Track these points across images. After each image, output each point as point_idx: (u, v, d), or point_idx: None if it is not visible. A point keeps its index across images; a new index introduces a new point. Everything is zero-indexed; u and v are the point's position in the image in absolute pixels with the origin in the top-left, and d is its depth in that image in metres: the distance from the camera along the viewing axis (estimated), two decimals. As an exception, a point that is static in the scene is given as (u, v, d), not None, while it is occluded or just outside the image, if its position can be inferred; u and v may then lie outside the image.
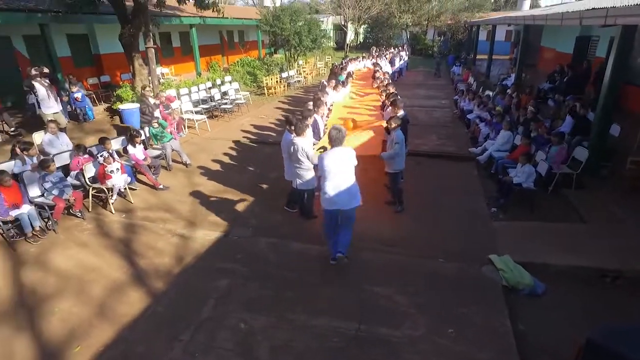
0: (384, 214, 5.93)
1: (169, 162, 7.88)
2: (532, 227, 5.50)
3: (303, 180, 5.42)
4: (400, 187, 6.05)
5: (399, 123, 5.72)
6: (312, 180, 5.48)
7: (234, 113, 12.54)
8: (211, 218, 5.90)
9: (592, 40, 14.04)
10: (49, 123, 6.98)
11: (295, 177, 5.45)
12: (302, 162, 5.25)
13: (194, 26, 16.08)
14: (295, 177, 5.45)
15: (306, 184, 5.49)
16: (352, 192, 4.36)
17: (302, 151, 5.16)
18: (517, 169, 6.21)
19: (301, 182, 5.46)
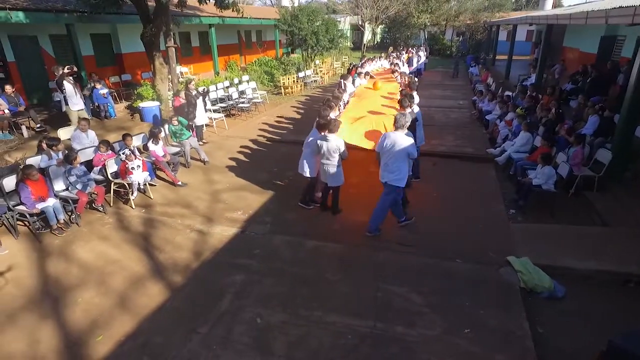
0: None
1: (187, 160, 8.02)
2: (552, 230, 5.39)
3: (333, 176, 5.55)
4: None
5: None
6: (341, 175, 5.62)
7: (251, 112, 12.66)
8: (228, 214, 5.99)
9: (617, 40, 13.66)
10: (81, 121, 7.26)
11: (325, 174, 5.63)
12: (334, 158, 5.44)
13: (213, 26, 16.30)
14: (325, 173, 5.63)
15: (336, 180, 5.62)
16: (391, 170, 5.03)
17: (336, 148, 5.35)
18: (537, 170, 6.10)
19: (331, 178, 5.59)
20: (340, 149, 5.42)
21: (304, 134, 10.12)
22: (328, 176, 5.64)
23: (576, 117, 8.50)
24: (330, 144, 5.39)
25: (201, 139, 9.51)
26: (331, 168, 5.54)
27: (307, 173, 5.86)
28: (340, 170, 5.60)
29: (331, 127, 5.40)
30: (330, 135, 5.40)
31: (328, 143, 5.39)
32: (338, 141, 5.43)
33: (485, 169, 7.80)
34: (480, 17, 30.22)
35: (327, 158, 5.49)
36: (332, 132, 5.42)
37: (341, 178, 5.67)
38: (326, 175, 5.66)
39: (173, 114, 8.45)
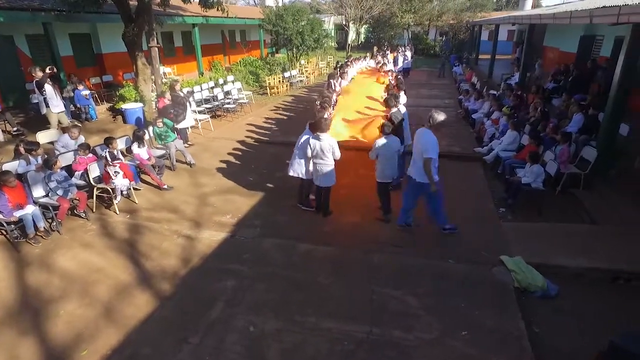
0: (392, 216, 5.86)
1: (173, 162, 7.82)
2: (542, 228, 5.42)
3: (325, 176, 5.51)
4: (384, 198, 5.73)
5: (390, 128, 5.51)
6: (332, 176, 5.56)
7: (237, 113, 12.48)
8: (216, 218, 5.84)
9: (596, 39, 13.97)
10: (72, 129, 7.03)
11: (317, 174, 5.58)
12: (327, 157, 5.40)
13: (196, 25, 16.03)
14: (317, 173, 5.57)
15: (328, 180, 5.57)
16: None
17: (330, 147, 5.32)
18: (526, 169, 6.14)
19: (323, 178, 5.53)
20: (334, 148, 5.37)
21: (291, 135, 10.11)
22: (319, 176, 5.57)
23: (560, 116, 8.63)
24: (323, 143, 5.32)
25: (186, 141, 9.30)
26: (324, 168, 5.48)
27: (302, 175, 5.78)
28: (332, 171, 5.54)
29: (323, 127, 5.35)
30: (323, 134, 5.33)
31: (321, 142, 5.33)
32: (331, 140, 5.37)
33: (474, 168, 7.84)
34: (463, 17, 30.60)
35: (320, 158, 5.43)
36: (324, 132, 5.36)
37: (333, 178, 5.61)
38: (318, 175, 5.59)
39: (157, 116, 8.24)
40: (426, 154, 4.77)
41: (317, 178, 5.62)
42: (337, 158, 5.48)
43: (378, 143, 5.44)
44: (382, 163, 5.50)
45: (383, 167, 5.51)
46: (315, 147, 5.39)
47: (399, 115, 6.17)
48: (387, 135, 5.47)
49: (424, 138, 4.90)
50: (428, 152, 4.77)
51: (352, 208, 6.05)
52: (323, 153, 5.39)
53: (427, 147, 4.79)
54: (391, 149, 5.50)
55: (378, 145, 5.42)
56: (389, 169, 5.54)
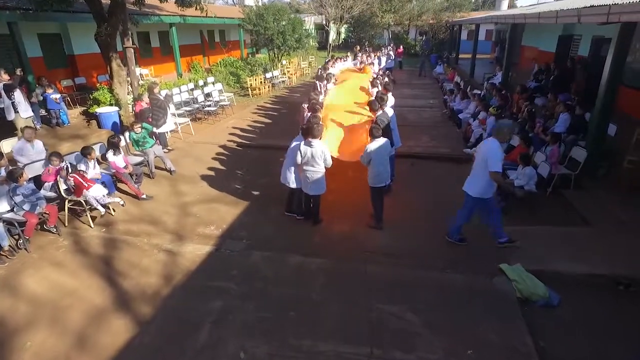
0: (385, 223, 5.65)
1: (151, 170, 7.41)
2: (537, 232, 5.31)
3: (315, 183, 5.29)
4: (378, 204, 5.52)
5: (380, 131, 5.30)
6: (323, 183, 5.35)
7: (218, 115, 12.07)
8: (200, 230, 5.50)
9: (574, 39, 14.17)
10: (25, 129, 6.33)
11: (307, 182, 5.34)
12: (318, 165, 5.18)
13: (174, 25, 15.50)
14: (306, 181, 5.34)
15: (318, 188, 5.36)
16: None
17: (321, 154, 5.12)
18: (518, 171, 6.03)
19: (313, 186, 5.32)
20: (325, 155, 5.16)
21: (275, 137, 9.82)
22: (309, 184, 5.32)
23: (547, 116, 8.62)
24: (314, 149, 5.09)
25: (166, 146, 8.88)
26: (314, 175, 5.24)
27: (293, 184, 5.52)
28: (322, 178, 5.32)
29: (315, 132, 5.10)
30: (315, 140, 5.09)
31: (312, 149, 5.09)
32: (322, 147, 5.15)
33: (463, 169, 7.66)
34: (442, 16, 30.85)
35: (311, 165, 5.19)
36: (316, 138, 5.12)
37: (323, 186, 5.39)
38: (307, 183, 5.34)
39: (135, 120, 7.80)
40: (491, 167, 4.52)
41: (307, 186, 5.38)
42: (328, 166, 5.26)
43: (370, 147, 5.22)
44: (375, 167, 5.28)
45: (377, 171, 5.29)
46: (306, 154, 5.13)
47: (384, 118, 5.96)
48: (378, 138, 5.27)
49: (489, 149, 4.62)
50: (493, 165, 4.51)
51: (342, 215, 5.81)
52: (314, 160, 5.15)
53: (492, 159, 4.53)
54: (384, 151, 5.29)
55: (370, 149, 5.20)
56: (383, 172, 5.34)
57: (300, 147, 5.17)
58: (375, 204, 5.53)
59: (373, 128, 5.28)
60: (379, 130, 5.28)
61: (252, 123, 11.37)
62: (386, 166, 5.34)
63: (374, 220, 5.61)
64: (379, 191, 5.44)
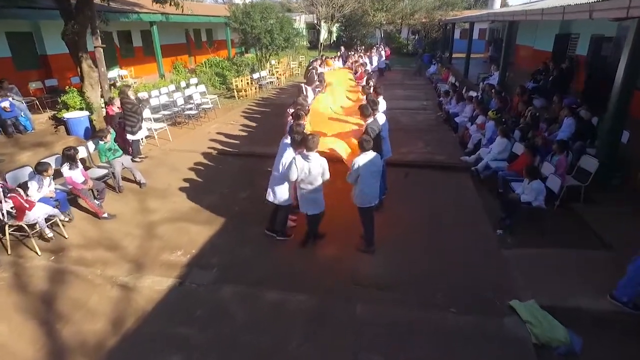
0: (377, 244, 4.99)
1: (118, 183, 6.65)
2: (549, 256, 4.68)
3: (314, 202, 4.67)
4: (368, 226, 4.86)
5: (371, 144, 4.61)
6: (322, 202, 4.73)
7: (200, 119, 11.32)
8: (164, 257, 4.78)
9: (571, 38, 13.66)
10: None
11: (304, 200, 4.67)
12: (317, 181, 4.53)
13: (155, 24, 14.70)
14: (304, 199, 4.66)
15: (317, 207, 4.72)
16: None
17: (321, 169, 4.49)
18: (524, 185, 5.39)
19: (312, 205, 4.68)
20: (324, 169, 4.50)
21: (260, 144, 9.08)
22: (308, 203, 4.67)
23: (549, 120, 8.01)
24: (312, 164, 4.40)
25: (138, 155, 8.14)
26: (313, 194, 4.59)
27: (284, 201, 4.84)
28: (321, 195, 4.67)
29: (310, 144, 4.38)
30: (312, 154, 4.40)
31: (310, 163, 4.40)
32: (321, 161, 4.48)
33: (462, 180, 7.09)
34: (435, 15, 30.31)
35: (309, 182, 4.51)
36: (312, 150, 4.41)
37: (322, 204, 4.74)
38: (305, 202, 4.67)
39: (103, 127, 7.05)
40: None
41: (304, 205, 4.70)
42: (326, 180, 4.60)
43: (357, 162, 4.54)
44: (363, 185, 4.61)
45: (364, 189, 4.63)
46: (304, 170, 4.43)
47: (375, 126, 5.29)
48: (367, 152, 4.60)
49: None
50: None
51: (329, 235, 5.13)
52: (312, 176, 4.47)
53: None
54: (373, 167, 4.63)
55: (358, 165, 4.53)
56: (369, 193, 4.66)
57: (296, 161, 4.46)
58: (365, 225, 4.87)
59: (363, 140, 4.61)
60: (370, 143, 4.61)
61: (236, 127, 10.64)
62: (373, 185, 4.66)
63: (364, 242, 4.95)
64: (368, 212, 4.78)
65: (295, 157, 4.49)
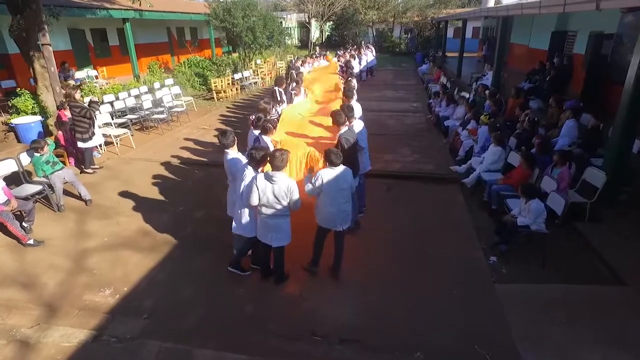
0: (349, 278, 4.17)
1: (58, 201, 5.78)
2: (554, 294, 3.88)
3: (279, 232, 3.82)
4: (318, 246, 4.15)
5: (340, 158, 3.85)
6: (288, 231, 3.90)
7: (172, 123, 10.44)
8: (88, 297, 3.93)
9: (568, 35, 12.94)
10: None
11: (266, 229, 3.82)
12: (282, 206, 3.70)
13: (128, 20, 13.77)
14: (266, 228, 3.82)
15: (282, 238, 3.88)
16: None
17: (288, 192, 3.65)
18: (521, 205, 4.59)
19: (275, 235, 3.83)
20: (292, 193, 3.66)
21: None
22: (271, 232, 3.82)
23: (549, 125, 7.23)
24: (277, 186, 3.59)
25: (91, 165, 7.27)
26: (277, 221, 3.76)
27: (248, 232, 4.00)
28: (288, 224, 3.86)
29: (277, 162, 3.57)
30: (278, 174, 3.59)
31: (274, 185, 3.59)
32: (289, 182, 3.66)
33: (451, 193, 6.29)
34: (428, 13, 29.60)
35: (272, 207, 3.69)
36: (280, 169, 3.61)
37: (289, 234, 3.91)
38: (267, 230, 3.83)
39: (47, 137, 6.21)
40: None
41: (267, 234, 3.85)
42: (294, 209, 3.77)
43: (321, 177, 3.75)
44: (326, 203, 3.84)
45: (328, 208, 3.86)
46: (266, 192, 3.63)
47: (350, 136, 4.47)
48: (335, 167, 3.79)
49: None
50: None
51: (291, 265, 4.29)
52: (277, 200, 3.65)
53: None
54: (341, 184, 3.82)
55: (322, 180, 3.73)
56: (335, 214, 3.87)
57: (257, 181, 3.65)
58: (315, 243, 4.14)
59: (331, 153, 3.80)
60: (339, 157, 3.80)
61: (208, 132, 9.77)
62: (342, 205, 3.87)
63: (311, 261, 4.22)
64: (324, 232, 4.03)
65: (256, 177, 3.68)
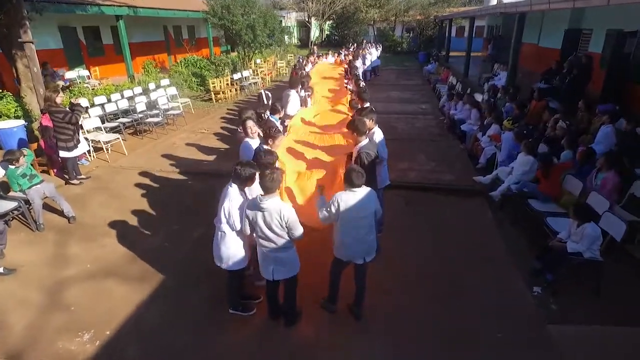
0: (366, 325, 3.52)
1: (38, 219, 5.10)
2: (622, 340, 3.24)
3: (280, 264, 3.15)
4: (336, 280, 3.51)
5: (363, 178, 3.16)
6: (293, 262, 3.22)
7: (167, 127, 9.77)
8: (62, 345, 3.26)
9: (583, 34, 12.34)
10: None
11: (266, 262, 3.16)
12: (280, 236, 3.03)
13: (121, 18, 13.07)
14: (266, 261, 3.16)
15: (287, 270, 3.20)
16: None
17: (282, 218, 2.96)
18: (571, 229, 3.95)
19: (278, 268, 3.16)
20: (289, 221, 2.98)
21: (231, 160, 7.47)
22: (271, 265, 3.16)
23: (578, 130, 6.59)
24: (267, 213, 2.94)
25: (77, 175, 6.60)
26: (276, 254, 3.11)
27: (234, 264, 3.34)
28: (292, 255, 3.19)
29: (267, 183, 2.92)
30: (269, 197, 2.95)
31: (264, 213, 2.94)
32: (282, 208, 2.98)
33: (477, 207, 5.65)
34: (430, 12, 28.99)
35: (267, 238, 3.04)
36: (271, 192, 2.96)
37: (295, 266, 3.23)
38: (267, 263, 3.18)
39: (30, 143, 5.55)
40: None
41: (267, 267, 3.19)
42: (296, 237, 3.09)
43: (339, 200, 3.10)
44: (345, 234, 3.19)
45: (346, 240, 3.21)
46: (256, 220, 2.99)
47: (371, 150, 3.81)
48: (356, 188, 3.13)
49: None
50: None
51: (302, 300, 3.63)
52: (271, 230, 2.99)
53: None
54: (362, 211, 3.16)
55: (338, 204, 3.09)
56: (354, 245, 3.23)
57: (247, 211, 3.02)
58: (331, 278, 3.49)
59: (352, 171, 3.14)
60: (361, 176, 3.14)
61: (207, 137, 9.11)
62: (364, 236, 3.21)
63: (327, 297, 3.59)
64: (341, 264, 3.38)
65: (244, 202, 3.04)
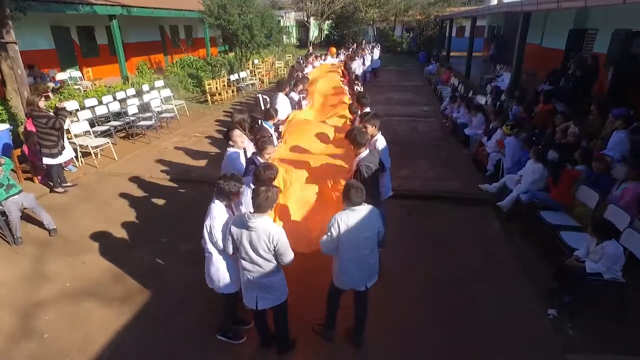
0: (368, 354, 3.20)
1: (15, 232, 4.77)
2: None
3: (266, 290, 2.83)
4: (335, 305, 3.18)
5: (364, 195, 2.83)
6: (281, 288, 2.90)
7: (160, 130, 9.43)
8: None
9: (588, 34, 12.06)
10: None
11: (250, 287, 2.84)
12: (265, 259, 2.73)
13: (114, 17, 12.73)
14: (250, 287, 2.84)
15: (274, 297, 2.88)
16: None
17: (270, 241, 2.65)
18: (590, 247, 3.63)
19: (263, 295, 2.85)
20: (279, 244, 2.67)
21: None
22: (254, 291, 2.85)
23: (589, 135, 6.27)
24: (255, 233, 2.63)
25: (62, 184, 6.27)
26: (260, 280, 2.79)
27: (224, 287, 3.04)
28: (279, 281, 2.87)
29: (259, 201, 2.61)
30: (259, 216, 2.64)
31: (252, 233, 2.63)
32: (271, 229, 2.66)
33: (484, 218, 5.33)
34: (431, 11, 28.67)
35: (251, 261, 2.73)
36: (263, 211, 2.65)
37: (282, 293, 2.91)
38: (250, 289, 2.86)
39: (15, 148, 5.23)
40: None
41: (250, 294, 2.87)
42: (285, 263, 2.79)
43: (338, 222, 2.77)
44: (345, 259, 2.87)
45: (347, 266, 2.88)
46: (241, 240, 2.68)
47: (372, 162, 3.48)
48: (356, 206, 2.81)
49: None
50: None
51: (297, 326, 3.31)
52: (257, 253, 2.69)
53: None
54: (364, 232, 2.83)
55: (338, 225, 2.77)
56: (361, 269, 2.90)
57: (231, 228, 2.72)
58: (329, 303, 3.16)
59: (351, 188, 2.81)
60: (361, 193, 2.81)
61: (200, 141, 8.78)
62: (365, 260, 2.89)
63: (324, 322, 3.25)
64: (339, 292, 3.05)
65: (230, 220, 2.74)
